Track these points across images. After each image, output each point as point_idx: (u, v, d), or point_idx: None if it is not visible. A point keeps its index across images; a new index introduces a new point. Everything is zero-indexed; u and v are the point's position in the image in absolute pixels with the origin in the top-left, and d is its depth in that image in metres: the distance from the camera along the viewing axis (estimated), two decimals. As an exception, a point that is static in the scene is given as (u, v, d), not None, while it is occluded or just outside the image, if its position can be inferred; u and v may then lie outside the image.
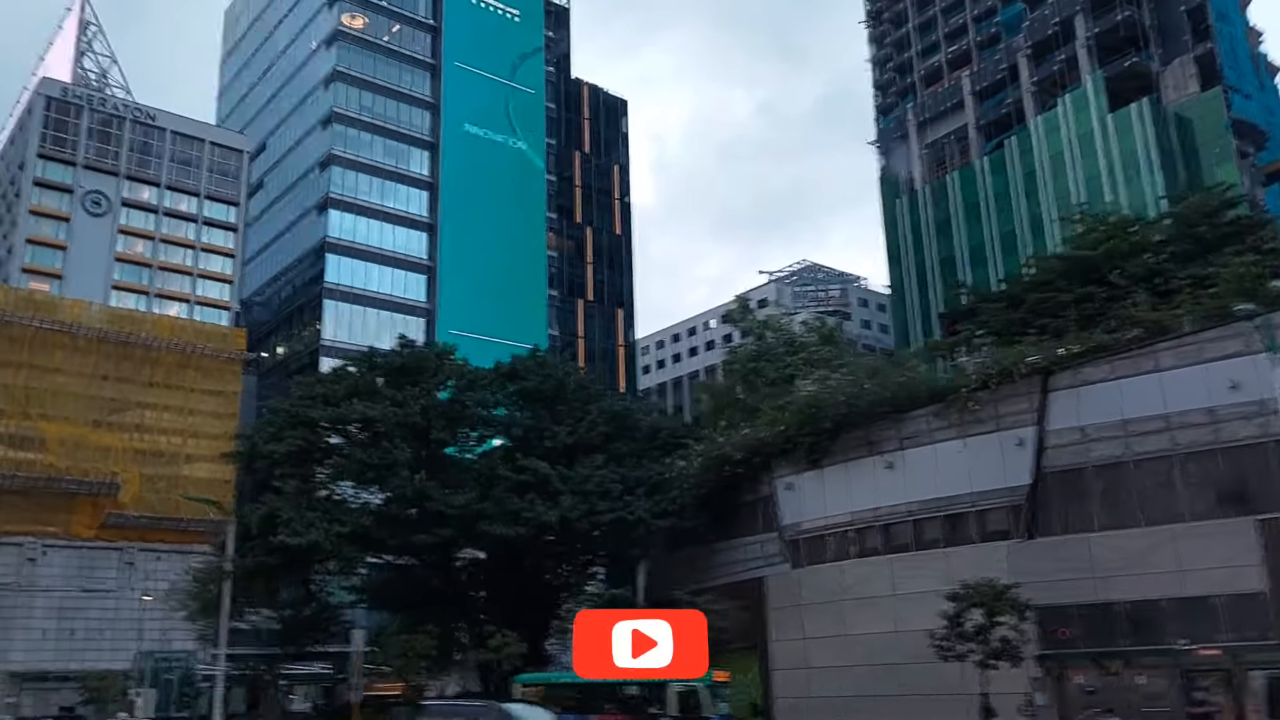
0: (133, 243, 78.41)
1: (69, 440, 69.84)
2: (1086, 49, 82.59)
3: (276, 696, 51.18)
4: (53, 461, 68.85)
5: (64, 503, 69.69)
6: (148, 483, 72.32)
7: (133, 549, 71.71)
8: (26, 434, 68.84)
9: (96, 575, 70.54)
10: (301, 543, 35.26)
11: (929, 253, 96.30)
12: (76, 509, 70.10)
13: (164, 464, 73.54)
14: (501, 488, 37.96)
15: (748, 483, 38.20)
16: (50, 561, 68.70)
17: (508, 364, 43.32)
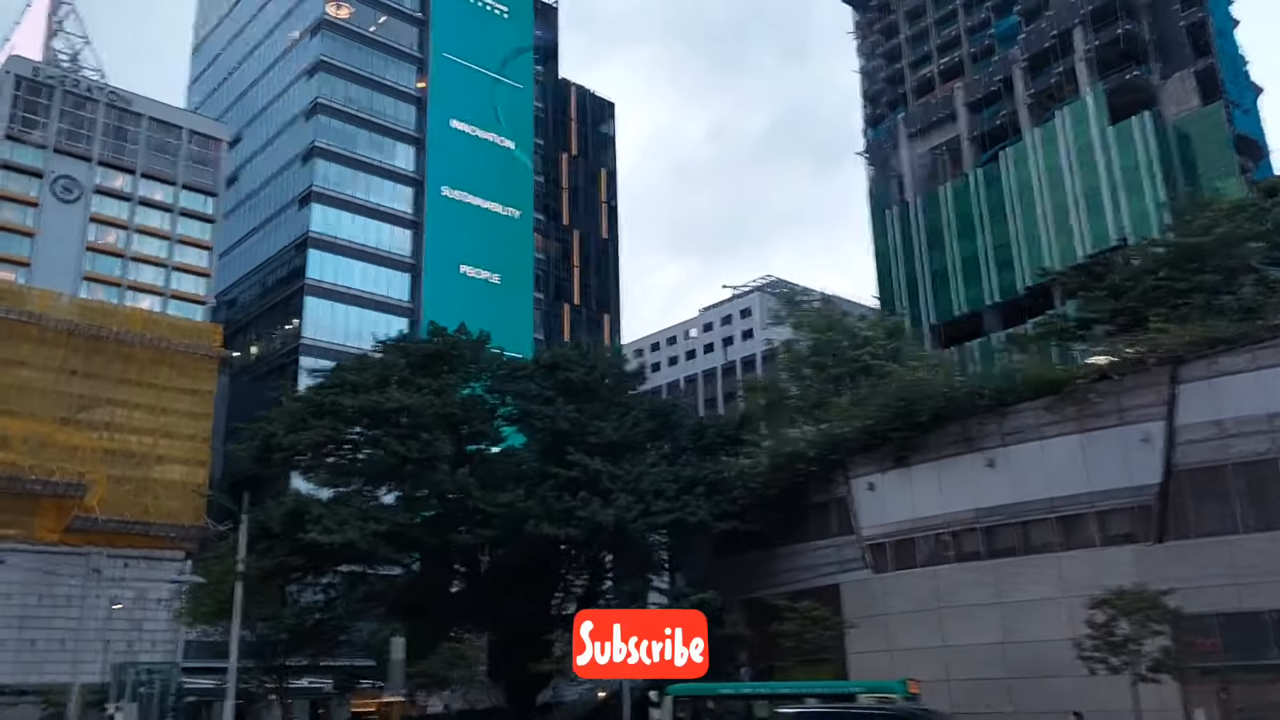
0: (105, 232, 74.48)
1: (34, 438, 65.87)
2: (1086, 62, 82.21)
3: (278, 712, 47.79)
4: (15, 460, 64.87)
5: (27, 504, 65.67)
6: (116, 485, 68.54)
7: (99, 555, 67.78)
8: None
9: (60, 582, 66.44)
10: (335, 541, 32.43)
11: (920, 265, 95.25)
12: (40, 511, 66.09)
13: (134, 465, 69.78)
14: (548, 485, 35.44)
15: (820, 483, 36.04)
16: (10, 566, 64.45)
17: (548, 354, 40.90)
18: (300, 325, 79.82)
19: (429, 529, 35.36)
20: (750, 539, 36.35)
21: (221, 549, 47.20)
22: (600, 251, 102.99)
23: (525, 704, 39.11)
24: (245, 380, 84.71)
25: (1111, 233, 78.22)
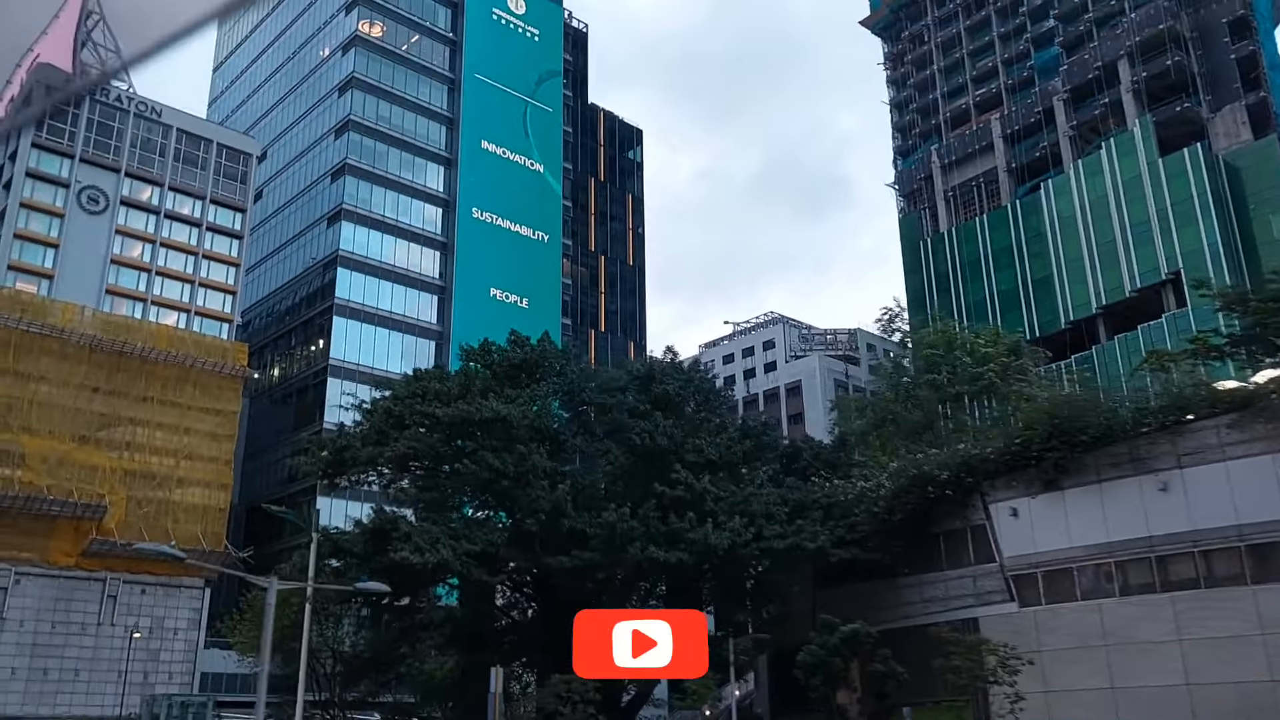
0: (130, 245, 72.08)
1: (52, 456, 63.04)
2: (1133, 93, 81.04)
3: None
4: (32, 479, 61.98)
5: (43, 526, 62.66)
6: (135, 507, 65.60)
7: (116, 580, 64.75)
8: (5, 448, 62.04)
9: (74, 608, 63.35)
10: (429, 562, 29.79)
11: (957, 296, 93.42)
12: (56, 533, 63.06)
13: (154, 487, 66.88)
14: (650, 505, 32.90)
15: (952, 507, 33.53)
16: (24, 591, 61.52)
17: (643, 366, 38.55)
18: (328, 346, 77.26)
19: (521, 550, 32.73)
20: (869, 568, 33.79)
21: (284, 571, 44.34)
22: (626, 278, 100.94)
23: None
24: (264, 402, 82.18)
25: (1163, 266, 76.68)
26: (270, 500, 77.93)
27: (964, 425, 36.94)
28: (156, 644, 64.64)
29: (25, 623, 60.81)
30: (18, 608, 60.22)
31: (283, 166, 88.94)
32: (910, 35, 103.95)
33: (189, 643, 66.58)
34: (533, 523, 32.43)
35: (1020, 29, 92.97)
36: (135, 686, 61.58)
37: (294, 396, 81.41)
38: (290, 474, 78.59)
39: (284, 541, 75.75)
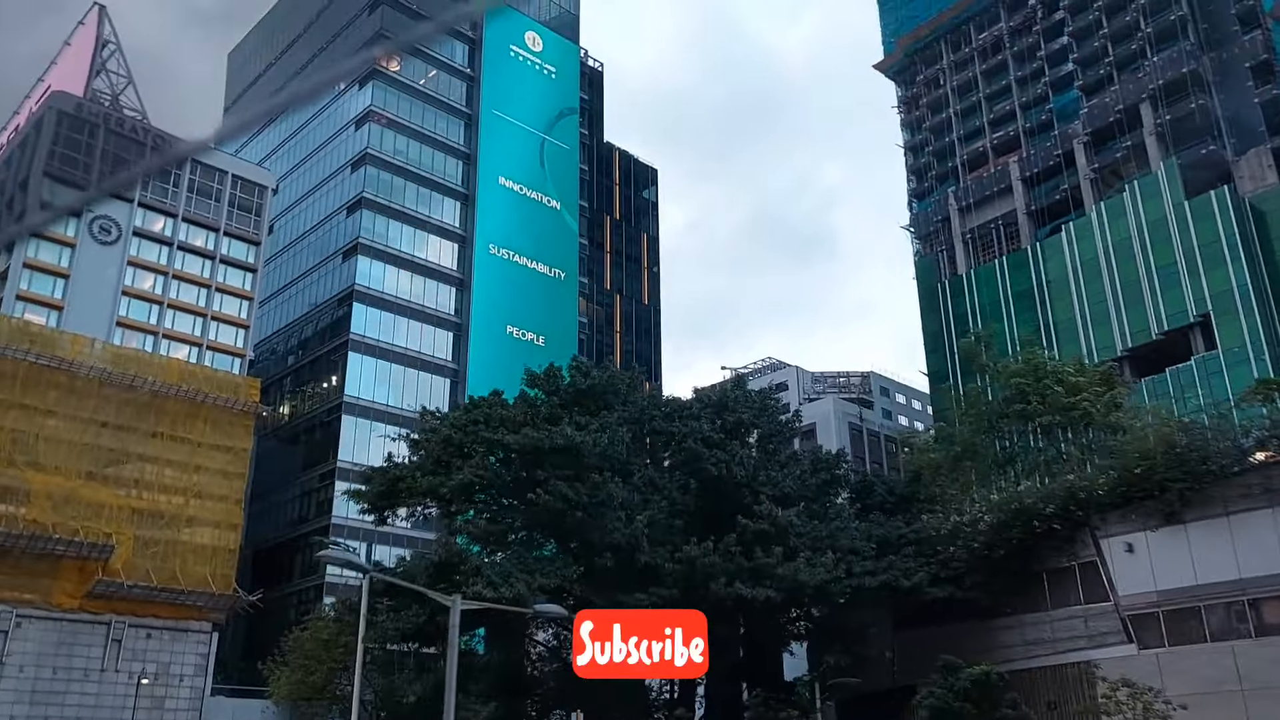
0: (142, 277, 70.28)
1: (58, 494, 60.60)
2: (1156, 136, 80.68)
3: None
4: (37, 517, 59.46)
5: (47, 566, 60.02)
6: (142, 547, 63.02)
7: (121, 624, 61.97)
8: (10, 484, 59.59)
9: (77, 653, 60.52)
10: (501, 597, 27.77)
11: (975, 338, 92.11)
12: (60, 574, 60.41)
13: (162, 526, 64.40)
14: (730, 540, 31.07)
15: (1057, 543, 31.75)
16: (25, 635, 58.69)
17: (716, 394, 36.89)
18: (342, 382, 75.32)
19: (594, 587, 30.72)
20: (955, 608, 31.89)
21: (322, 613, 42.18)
22: (642, 317, 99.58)
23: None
24: (272, 441, 79.72)
25: (1191, 308, 75.79)
26: (279, 543, 75.64)
27: (1060, 457, 35.28)
28: (161, 691, 61.79)
29: (25, 668, 57.95)
30: (18, 652, 57.41)
31: (296, 200, 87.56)
32: (925, 79, 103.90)
33: (195, 690, 63.70)
34: (608, 557, 30.50)
35: (1038, 73, 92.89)
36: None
37: (305, 435, 79.25)
38: (300, 515, 76.33)
39: (293, 584, 73.38)
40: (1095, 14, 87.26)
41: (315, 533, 72.94)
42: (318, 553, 38.88)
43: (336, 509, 71.73)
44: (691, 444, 33.25)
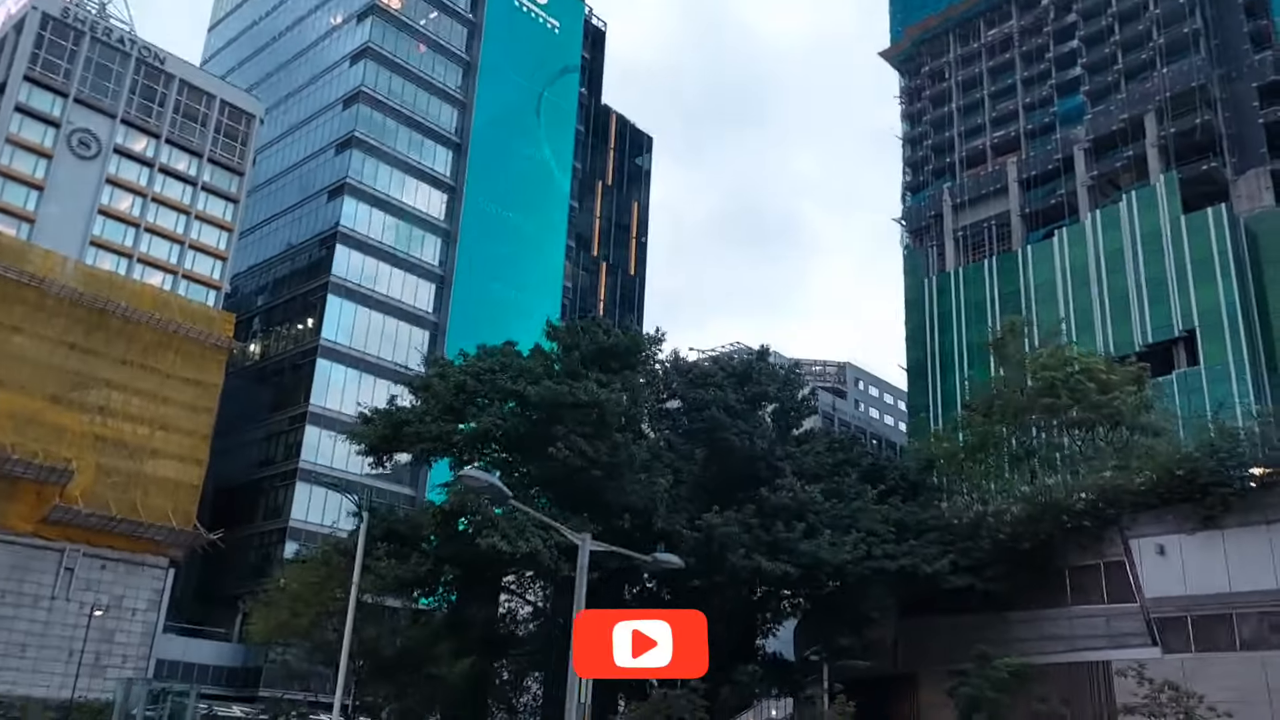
0: (120, 196, 67.59)
1: (20, 414, 58.41)
2: (1158, 148, 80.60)
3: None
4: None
5: (3, 488, 57.97)
6: (103, 475, 61.00)
7: (76, 552, 59.98)
8: (-31, 399, 57.10)
9: (28, 579, 58.56)
10: (519, 551, 26.53)
11: (958, 336, 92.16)
12: (16, 496, 58.34)
13: (125, 456, 62.38)
14: (749, 511, 30.12)
15: (1085, 539, 31.11)
16: (-26, 557, 56.50)
17: (740, 363, 35.74)
18: (319, 325, 73.25)
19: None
20: (977, 599, 31.20)
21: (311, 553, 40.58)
22: (626, 287, 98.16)
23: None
24: (241, 379, 77.14)
25: (1178, 322, 76.02)
26: (240, 484, 73.56)
27: (1090, 454, 34.67)
28: (113, 623, 60.03)
29: (-28, 590, 55.86)
30: (-35, 574, 55.24)
31: (282, 134, 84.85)
32: (930, 71, 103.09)
33: (147, 625, 62.02)
34: (626, 519, 29.37)
35: (1045, 74, 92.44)
36: (86, 668, 56.92)
37: (275, 376, 77.10)
38: (265, 457, 74.36)
39: (254, 527, 71.55)
40: (1108, 20, 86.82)
41: (281, 476, 71.13)
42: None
43: (305, 453, 70.01)
44: (715, 412, 32.20)
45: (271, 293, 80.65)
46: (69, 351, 61.15)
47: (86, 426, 60.72)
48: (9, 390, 58.15)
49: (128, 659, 60.62)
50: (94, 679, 57.15)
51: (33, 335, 59.93)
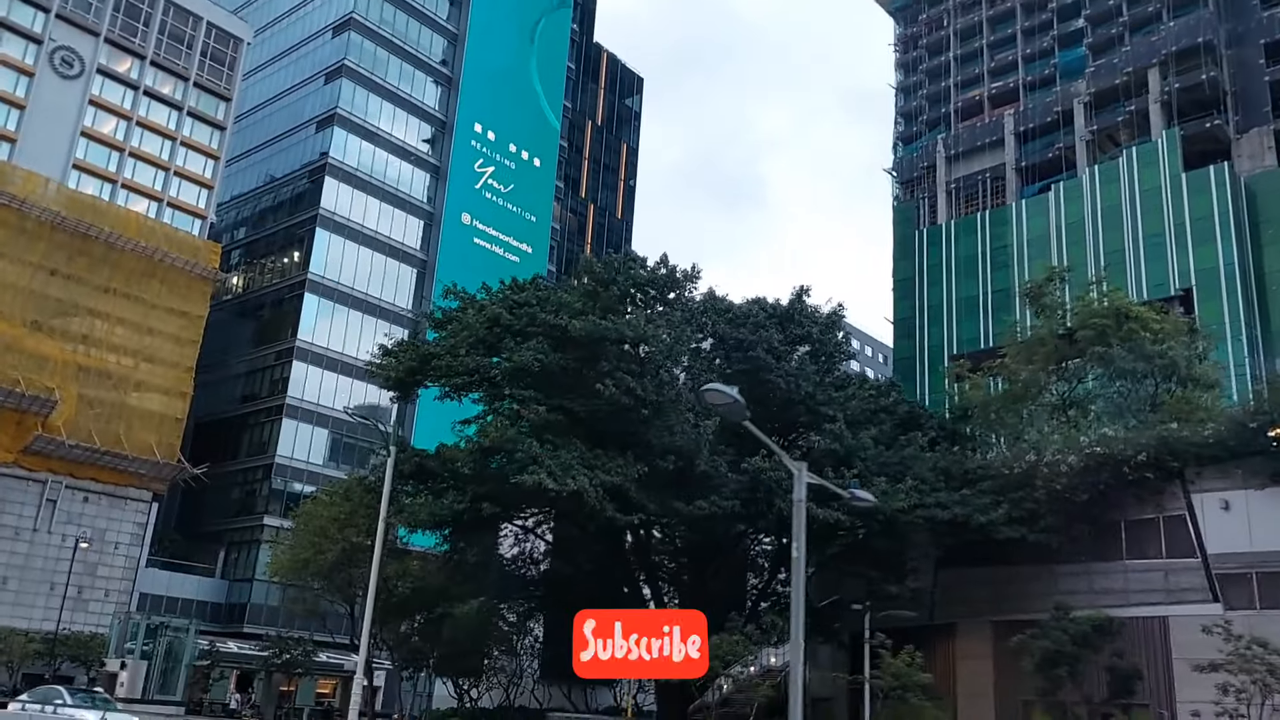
0: (104, 119, 65.00)
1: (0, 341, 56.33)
2: (1161, 104, 79.97)
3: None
4: (-26, 362, 55.19)
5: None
6: (85, 406, 59.35)
7: (58, 484, 58.51)
8: (-53, 323, 55.09)
9: (8, 510, 57.13)
10: (563, 489, 25.57)
11: (948, 290, 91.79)
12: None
13: (109, 387, 60.72)
14: (794, 455, 29.39)
15: (1144, 492, 30.58)
16: (-48, 486, 54.89)
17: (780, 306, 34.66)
18: (306, 259, 71.41)
19: (649, 491, 28.71)
20: (1024, 550, 30.73)
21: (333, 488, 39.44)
22: (614, 230, 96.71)
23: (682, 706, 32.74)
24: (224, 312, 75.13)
25: (1174, 282, 75.95)
26: (223, 418, 72.03)
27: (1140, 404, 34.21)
28: (95, 557, 58.78)
29: (-49, 520, 54.32)
30: (-56, 503, 53.65)
31: (268, 60, 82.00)
32: (928, 19, 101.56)
33: (129, 559, 60.86)
34: (671, 460, 28.51)
35: (1046, 25, 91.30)
36: (69, 601, 55.71)
37: (261, 309, 75.27)
38: (249, 391, 72.82)
39: (238, 462, 70.23)
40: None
41: (267, 412, 69.71)
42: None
43: (292, 389, 68.57)
44: (759, 353, 31.23)
45: (255, 225, 78.49)
46: (50, 277, 59.11)
47: (69, 356, 58.90)
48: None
49: (110, 593, 59.53)
50: (76, 612, 56.10)
51: (13, 259, 57.78)
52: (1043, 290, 43.15)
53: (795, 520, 13.07)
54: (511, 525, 35.48)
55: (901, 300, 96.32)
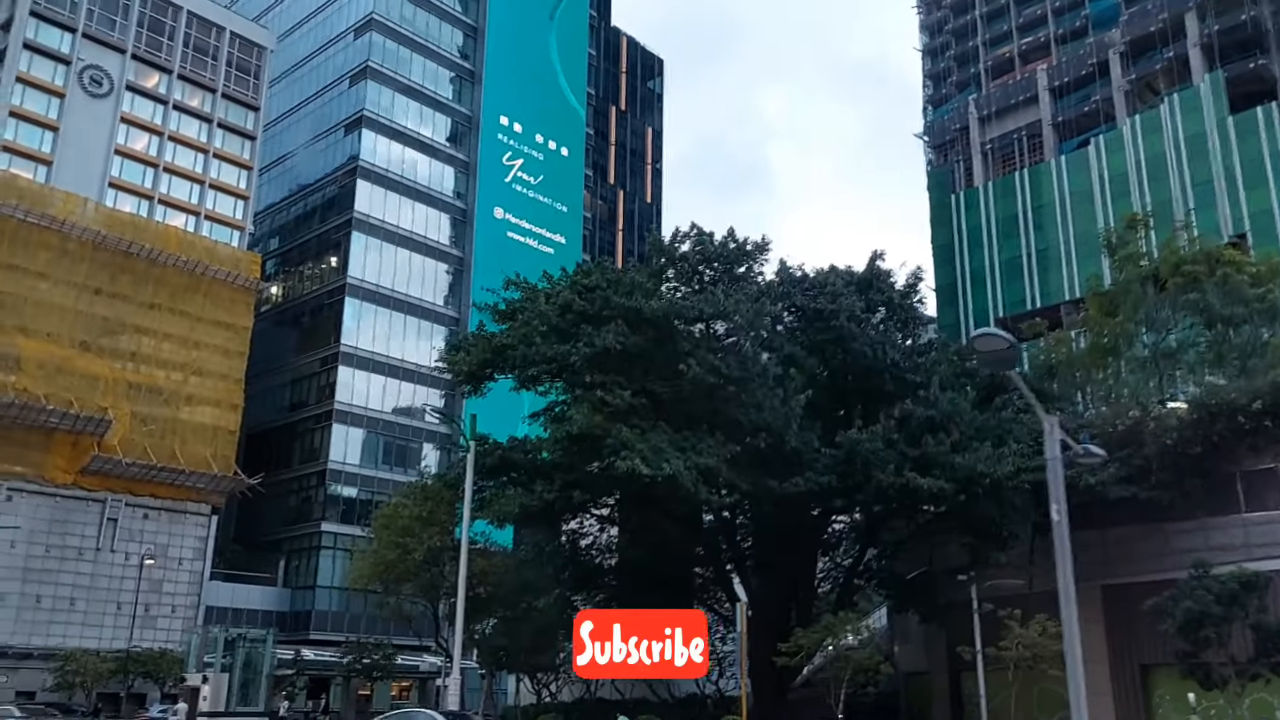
0: (136, 136, 64.92)
1: (50, 363, 56.54)
2: (1200, 47, 77.94)
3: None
4: (28, 386, 55.48)
5: (39, 439, 56.34)
6: (139, 423, 59.47)
7: (118, 502, 58.63)
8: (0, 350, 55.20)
9: (71, 531, 57.26)
10: (659, 474, 24.93)
11: (989, 253, 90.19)
12: (53, 448, 56.81)
13: (161, 403, 60.75)
14: (890, 426, 28.62)
15: (1260, 443, 29.43)
16: (16, 509, 55.26)
17: (856, 273, 33.83)
18: (344, 263, 71.09)
19: (740, 471, 28.00)
20: (1129, 509, 29.71)
21: (410, 488, 38.97)
22: (644, 214, 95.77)
23: (777, 689, 32.04)
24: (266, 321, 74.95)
25: (1227, 228, 74.10)
26: (272, 428, 71.97)
27: (1240, 351, 33.07)
28: (159, 573, 58.88)
29: (17, 545, 54.61)
30: (9, 528, 53.82)
31: (292, 66, 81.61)
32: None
33: (193, 573, 60.96)
34: (762, 438, 27.76)
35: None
36: (136, 619, 55.84)
37: (301, 316, 75.07)
38: (297, 399, 72.71)
39: (291, 470, 70.17)
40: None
41: (316, 418, 69.55)
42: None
43: (340, 394, 68.34)
44: (844, 322, 30.35)
45: (289, 232, 78.25)
46: (95, 297, 59.13)
47: (119, 374, 58.97)
48: (37, 339, 56.27)
49: (176, 608, 59.70)
50: (144, 629, 56.17)
51: (57, 281, 57.86)
52: (1123, 239, 41.73)
53: (1052, 479, 12.34)
54: (590, 514, 34.84)
55: (942, 266, 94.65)
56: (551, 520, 31.46)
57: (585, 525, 38.93)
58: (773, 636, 29.69)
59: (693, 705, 37.96)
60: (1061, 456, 12.59)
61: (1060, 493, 12.34)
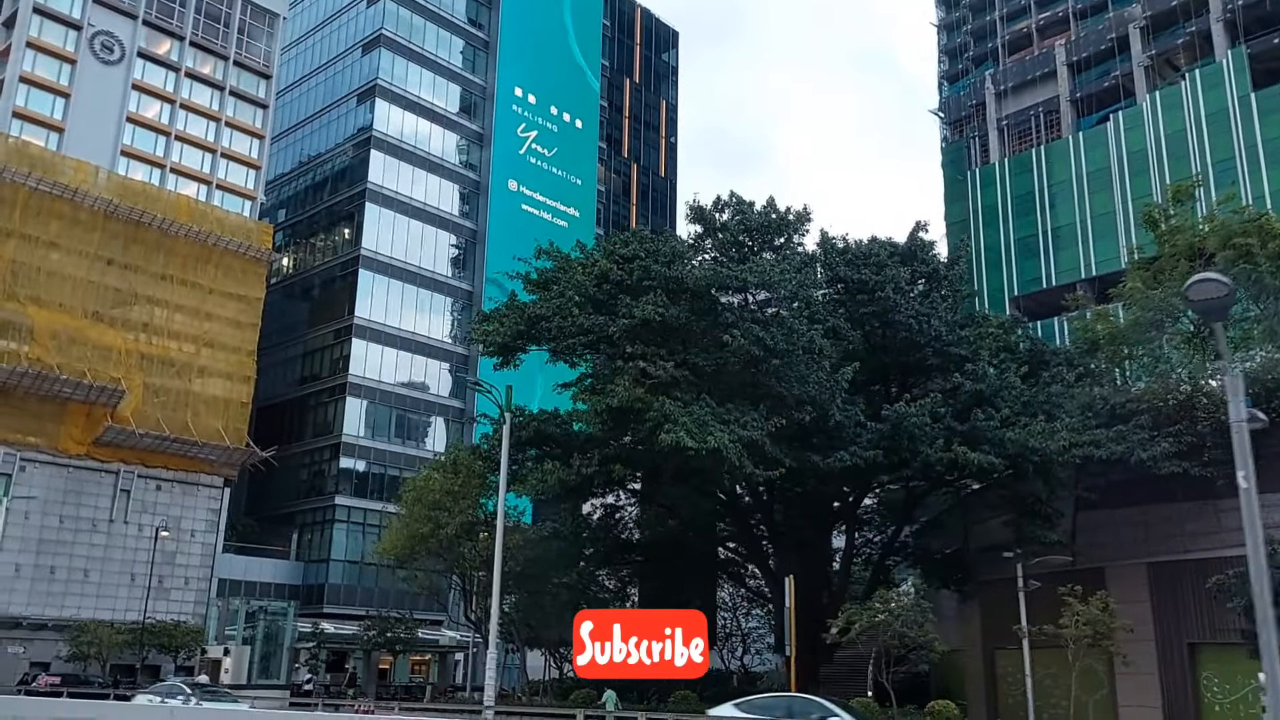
0: (148, 103, 64.03)
1: (63, 333, 55.94)
2: (1223, 22, 76.91)
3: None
4: (41, 356, 54.87)
5: (52, 409, 55.80)
6: (152, 395, 58.89)
7: (131, 474, 58.16)
8: (11, 319, 54.84)
9: (85, 502, 56.86)
10: (703, 447, 24.41)
11: (1004, 231, 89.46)
12: (67, 418, 56.28)
13: (173, 374, 60.15)
14: (935, 400, 28.09)
15: None
16: (29, 480, 54.78)
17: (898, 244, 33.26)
18: (357, 235, 70.38)
19: (783, 444, 27.48)
20: (1187, 486, 29.15)
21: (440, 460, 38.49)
22: (658, 189, 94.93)
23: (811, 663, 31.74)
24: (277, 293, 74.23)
25: (1249, 205, 73.34)
26: (284, 400, 71.49)
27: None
28: (173, 545, 58.48)
29: (30, 516, 54.20)
30: (23, 499, 53.39)
31: (302, 35, 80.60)
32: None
33: (206, 546, 60.55)
34: (807, 411, 27.23)
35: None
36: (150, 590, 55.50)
37: (313, 288, 74.45)
38: (309, 372, 72.18)
39: (303, 444, 69.73)
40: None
41: (329, 391, 69.06)
42: (469, 383, 34.26)
43: (353, 367, 67.79)
44: (889, 293, 29.76)
45: (299, 204, 77.47)
46: (107, 267, 58.44)
47: (132, 345, 58.38)
48: (49, 309, 55.65)
49: (190, 580, 59.34)
50: (157, 601, 55.80)
51: (70, 251, 57.17)
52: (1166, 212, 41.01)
53: (1237, 444, 11.86)
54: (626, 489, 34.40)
55: (956, 243, 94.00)
56: (587, 495, 30.97)
57: (615, 500, 38.52)
58: (806, 612, 29.31)
59: (721, 681, 37.63)
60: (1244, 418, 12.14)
61: (1247, 457, 11.89)
